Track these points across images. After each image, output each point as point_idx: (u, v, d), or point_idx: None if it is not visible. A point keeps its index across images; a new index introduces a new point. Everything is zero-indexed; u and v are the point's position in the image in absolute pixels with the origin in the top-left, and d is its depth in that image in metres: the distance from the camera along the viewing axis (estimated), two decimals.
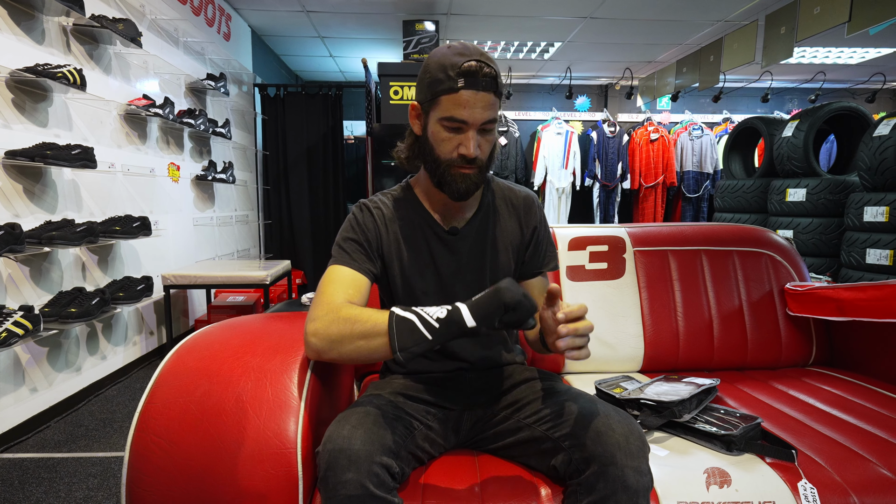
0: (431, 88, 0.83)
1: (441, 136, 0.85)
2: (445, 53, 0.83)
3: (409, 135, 0.94)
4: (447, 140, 0.85)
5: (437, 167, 0.87)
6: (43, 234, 1.85)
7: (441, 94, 0.82)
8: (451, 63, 0.81)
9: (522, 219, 0.99)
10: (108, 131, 2.38)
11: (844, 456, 0.89)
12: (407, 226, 0.94)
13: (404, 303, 0.91)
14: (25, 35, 1.93)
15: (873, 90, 5.69)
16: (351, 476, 0.67)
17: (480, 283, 0.95)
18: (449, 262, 0.94)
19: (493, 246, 0.96)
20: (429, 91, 0.84)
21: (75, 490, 1.53)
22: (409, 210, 0.95)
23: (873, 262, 2.36)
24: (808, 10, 2.90)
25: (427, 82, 0.84)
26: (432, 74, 0.83)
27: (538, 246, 1.00)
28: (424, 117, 0.88)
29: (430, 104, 0.84)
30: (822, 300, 1.29)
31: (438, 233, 0.94)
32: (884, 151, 2.30)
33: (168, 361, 0.88)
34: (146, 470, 0.76)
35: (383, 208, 0.95)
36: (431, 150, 0.87)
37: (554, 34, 4.34)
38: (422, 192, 0.97)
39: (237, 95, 3.96)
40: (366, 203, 0.95)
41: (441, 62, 0.82)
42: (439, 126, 0.84)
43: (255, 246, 4.45)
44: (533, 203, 1.01)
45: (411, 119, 0.91)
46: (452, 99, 0.81)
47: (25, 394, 1.92)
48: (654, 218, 5.28)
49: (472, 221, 0.96)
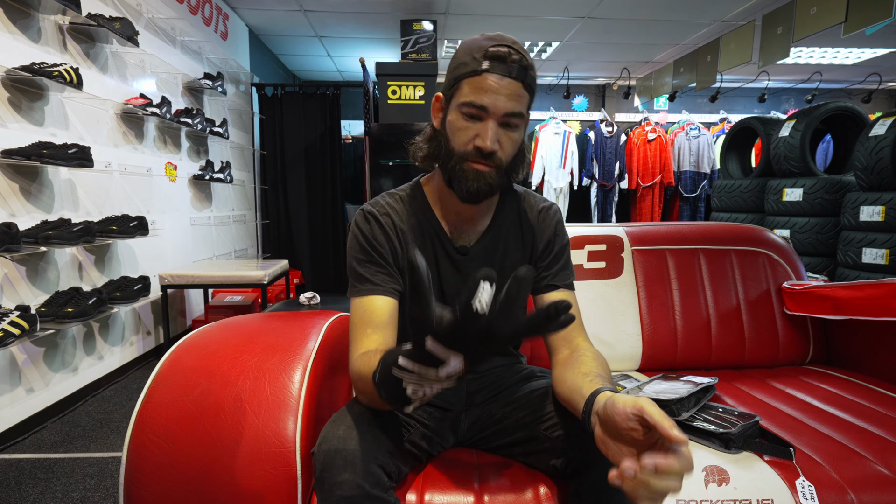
0: (454, 73, 0.76)
1: (458, 124, 0.76)
2: (476, 39, 0.76)
3: (429, 129, 0.86)
4: (464, 129, 0.75)
5: (449, 160, 0.79)
6: (39, 234, 1.84)
7: (463, 78, 0.74)
8: (478, 46, 0.74)
9: (536, 233, 0.90)
10: (104, 130, 2.37)
11: (842, 454, 0.89)
12: (417, 237, 0.86)
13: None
14: (21, 33, 1.92)
15: (869, 90, 5.72)
16: (347, 476, 0.66)
17: None
18: (455, 284, 0.87)
19: (503, 266, 0.88)
20: (451, 76, 0.77)
21: (72, 491, 1.53)
22: (418, 217, 0.87)
23: (869, 262, 2.37)
24: (805, 11, 2.91)
25: (452, 68, 0.77)
26: (458, 59, 0.76)
27: (553, 259, 0.89)
28: (445, 107, 0.80)
29: (452, 90, 0.77)
30: (819, 299, 1.30)
31: (448, 250, 0.86)
32: (880, 151, 2.31)
33: (166, 360, 0.88)
34: (144, 469, 0.75)
35: (392, 215, 0.86)
36: (447, 141, 0.79)
37: (552, 34, 4.35)
38: (433, 194, 0.89)
39: (234, 95, 3.95)
40: (371, 212, 0.85)
41: (469, 47, 0.75)
42: (458, 113, 0.76)
43: (252, 246, 4.44)
44: (548, 213, 0.91)
45: (433, 112, 0.84)
46: (474, 82, 0.73)
47: (22, 394, 1.91)
48: (652, 218, 5.29)
49: (483, 239, 0.88)
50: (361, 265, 0.82)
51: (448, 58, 5.10)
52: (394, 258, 0.84)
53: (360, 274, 0.82)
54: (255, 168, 4.46)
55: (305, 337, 0.93)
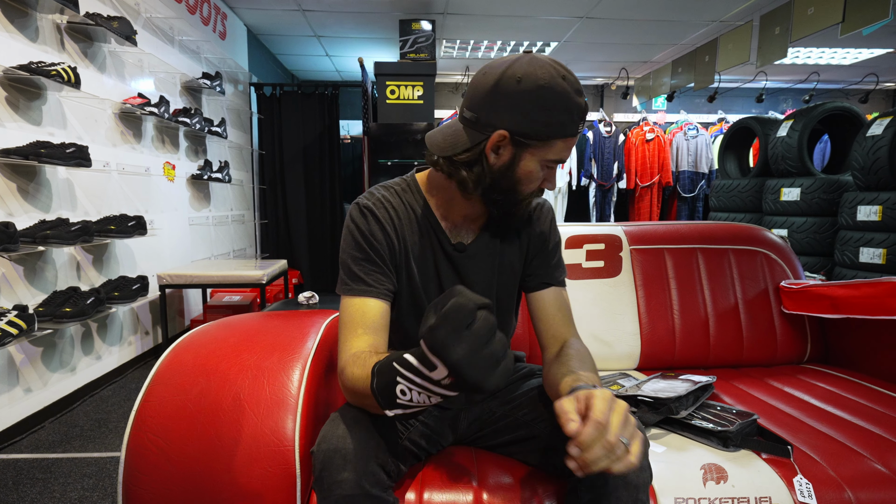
0: (550, 129, 0.72)
1: (537, 175, 0.76)
2: (567, 91, 0.70)
3: (481, 162, 0.76)
4: (539, 178, 0.77)
5: (513, 201, 0.79)
6: (37, 234, 1.84)
7: (561, 138, 0.73)
8: (576, 105, 0.71)
9: (533, 231, 0.91)
10: (102, 130, 2.37)
11: (839, 451, 0.89)
12: (415, 232, 0.85)
13: (409, 317, 0.86)
14: (19, 32, 1.91)
15: (866, 91, 5.74)
16: (347, 476, 0.66)
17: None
18: (454, 281, 0.86)
19: (500, 264, 0.88)
20: (545, 131, 0.72)
21: (70, 491, 1.52)
22: (415, 212, 0.86)
23: (866, 261, 2.38)
24: (802, 11, 2.92)
25: (544, 122, 0.71)
26: (552, 114, 0.71)
27: (548, 255, 0.91)
28: (516, 151, 0.74)
29: (539, 143, 0.73)
30: (817, 298, 1.30)
31: (445, 246, 0.86)
32: (877, 151, 2.32)
33: (164, 360, 0.88)
34: (143, 469, 0.75)
35: (389, 209, 0.84)
36: (514, 185, 0.77)
37: (550, 34, 4.35)
38: (430, 190, 0.87)
39: (233, 94, 3.94)
40: (367, 206, 0.83)
41: (565, 101, 0.70)
42: (540, 166, 0.76)
43: (251, 245, 4.43)
44: (542, 210, 0.92)
45: (492, 148, 0.75)
46: (569, 143, 0.74)
47: (19, 394, 1.90)
48: (650, 217, 5.30)
49: (482, 236, 0.87)
50: (356, 263, 0.81)
51: (447, 58, 5.10)
52: (390, 252, 0.83)
53: (354, 273, 0.80)
54: (253, 168, 4.46)
55: (304, 336, 0.93)
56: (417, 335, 0.60)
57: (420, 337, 0.59)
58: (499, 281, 0.89)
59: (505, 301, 0.91)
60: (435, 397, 0.62)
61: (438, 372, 0.59)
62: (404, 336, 0.88)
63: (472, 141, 0.75)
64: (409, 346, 0.87)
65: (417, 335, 0.60)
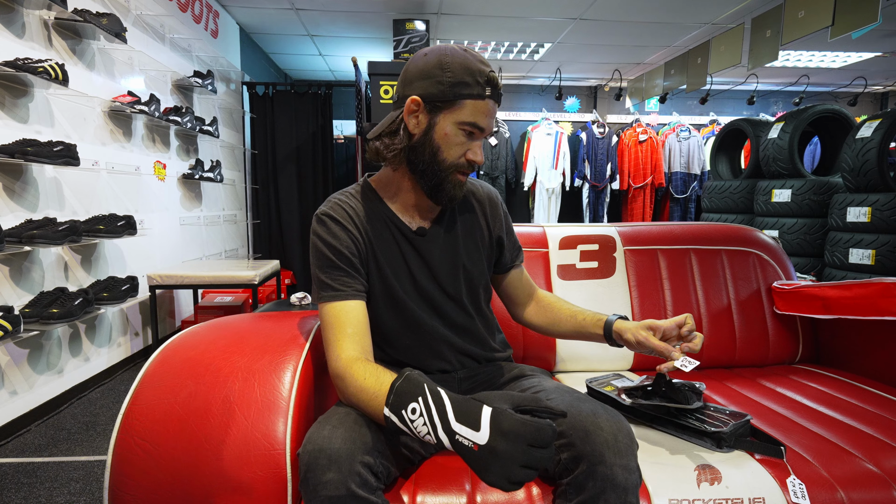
0: (455, 89, 0.80)
1: (456, 139, 0.83)
2: (467, 58, 0.81)
3: (400, 131, 0.85)
4: (460, 144, 0.84)
5: (437, 171, 0.84)
6: (23, 233, 1.80)
7: (467, 98, 0.81)
8: (478, 69, 0.81)
9: (489, 215, 0.99)
10: (91, 128, 2.34)
11: (832, 452, 0.90)
12: (376, 226, 0.90)
13: (386, 309, 0.90)
14: (5, 28, 1.88)
15: (855, 94, 5.82)
16: (332, 476, 0.65)
17: (454, 285, 0.93)
18: (420, 264, 0.91)
19: (464, 244, 0.94)
20: (451, 91, 0.80)
21: (56, 495, 1.49)
22: (373, 209, 0.91)
23: (856, 262, 2.40)
24: (793, 14, 2.95)
25: (449, 83, 0.80)
26: (456, 76, 0.80)
27: (510, 239, 1.02)
28: (431, 116, 0.83)
29: (450, 105, 0.81)
30: (809, 298, 1.31)
31: (406, 234, 0.91)
32: (866, 153, 2.35)
33: (153, 362, 0.86)
34: (130, 473, 0.74)
35: (347, 209, 0.89)
36: (436, 151, 0.84)
37: (544, 35, 4.36)
38: (387, 193, 0.92)
39: (225, 93, 3.91)
40: (325, 213, 0.88)
41: (466, 66, 0.81)
42: (456, 129, 0.83)
43: (243, 246, 4.40)
44: (496, 199, 1.02)
45: (407, 114, 0.84)
46: (478, 105, 0.81)
47: (5, 397, 1.87)
48: (643, 218, 5.33)
49: (439, 221, 0.94)
50: (323, 271, 0.86)
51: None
52: (356, 248, 0.87)
53: (323, 281, 0.85)
54: (245, 167, 4.43)
55: (296, 338, 0.92)
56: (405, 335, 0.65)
57: (491, 400, 0.67)
58: (466, 257, 0.95)
59: (476, 278, 0.96)
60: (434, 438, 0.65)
61: (475, 435, 0.63)
62: (383, 331, 0.92)
63: (395, 115, 0.86)
64: (389, 341, 0.93)
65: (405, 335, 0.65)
